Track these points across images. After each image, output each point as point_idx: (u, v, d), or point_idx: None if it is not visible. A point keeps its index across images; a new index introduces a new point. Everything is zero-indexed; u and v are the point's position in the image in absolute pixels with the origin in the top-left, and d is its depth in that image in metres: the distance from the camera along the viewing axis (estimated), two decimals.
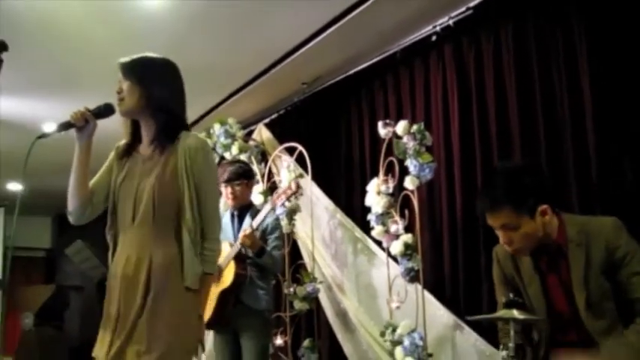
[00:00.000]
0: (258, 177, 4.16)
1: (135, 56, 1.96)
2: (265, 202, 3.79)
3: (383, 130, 3.21)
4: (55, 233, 9.11)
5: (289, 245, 3.85)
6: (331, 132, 4.34)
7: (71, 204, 1.95)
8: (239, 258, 3.00)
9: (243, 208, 3.19)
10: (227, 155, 4.31)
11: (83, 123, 1.90)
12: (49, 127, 5.14)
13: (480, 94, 3.24)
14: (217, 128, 4.32)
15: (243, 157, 4.20)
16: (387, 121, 3.24)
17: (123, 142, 2.04)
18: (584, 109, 2.73)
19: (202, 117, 4.86)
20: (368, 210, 3.30)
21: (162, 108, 1.93)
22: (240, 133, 4.34)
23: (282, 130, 4.61)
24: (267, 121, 4.76)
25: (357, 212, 3.78)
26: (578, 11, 2.79)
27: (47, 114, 4.88)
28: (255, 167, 4.18)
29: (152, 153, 1.94)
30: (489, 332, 2.81)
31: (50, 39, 3.67)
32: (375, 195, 3.24)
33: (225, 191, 3.18)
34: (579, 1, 2.79)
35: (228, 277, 2.98)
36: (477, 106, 3.24)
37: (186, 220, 1.83)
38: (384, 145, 3.28)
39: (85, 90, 4.24)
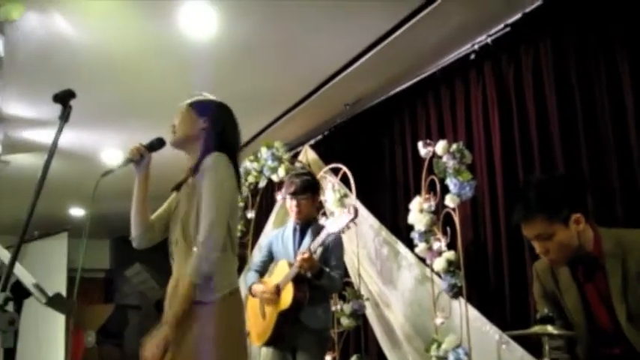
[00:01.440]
0: None
1: (195, 98, 2.15)
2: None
3: (423, 150, 3.28)
4: (113, 255, 9.48)
5: None
6: (375, 152, 4.43)
7: (134, 230, 2.14)
8: (298, 279, 2.96)
9: (306, 224, 3.15)
10: (274, 178, 4.45)
11: (139, 157, 2.09)
12: (108, 156, 5.47)
13: (520, 111, 3.27)
14: (264, 152, 4.47)
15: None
16: (427, 141, 3.31)
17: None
18: (627, 122, 2.72)
19: (250, 141, 5.04)
20: (411, 228, 3.35)
21: (215, 140, 2.05)
22: (287, 156, 4.48)
23: (326, 151, 4.73)
24: (312, 142, 4.91)
25: (401, 230, 3.83)
26: (617, 24, 2.79)
27: (105, 143, 5.20)
28: None
29: (190, 180, 2.09)
30: (536, 347, 2.81)
31: (108, 74, 3.95)
32: (418, 213, 3.30)
33: (290, 204, 3.12)
34: (618, 14, 2.80)
35: (286, 298, 2.96)
36: (518, 122, 3.27)
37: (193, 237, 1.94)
38: (426, 164, 3.34)
39: (140, 120, 4.52)
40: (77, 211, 7.63)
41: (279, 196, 4.60)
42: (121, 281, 8.49)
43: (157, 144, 2.13)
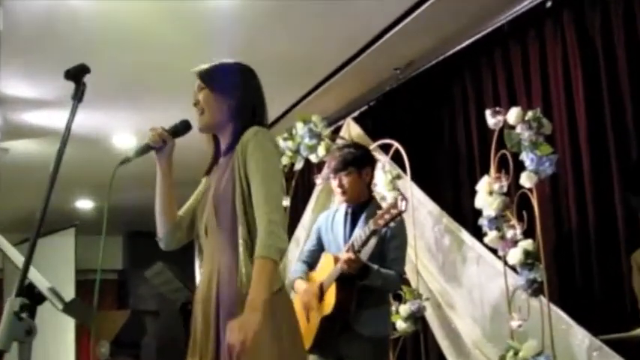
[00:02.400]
0: None
1: (212, 64, 2.14)
2: None
3: (492, 120, 3.25)
4: (126, 253, 9.70)
5: None
6: (432, 123, 4.42)
7: (160, 230, 2.17)
8: (343, 279, 2.90)
9: (360, 206, 3.05)
10: (312, 158, 4.49)
11: (161, 144, 2.11)
12: (120, 141, 5.60)
13: (610, 67, 3.21)
14: (300, 128, 4.48)
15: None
16: (497, 108, 3.27)
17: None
18: None
19: (282, 116, 5.09)
20: (479, 213, 3.36)
21: (245, 118, 2.09)
22: (327, 132, 4.49)
23: (373, 125, 4.74)
24: (356, 114, 4.91)
25: (467, 216, 3.84)
26: None
27: (117, 126, 5.33)
28: None
29: (222, 161, 2.13)
30: (636, 353, 2.79)
31: (119, 46, 4.04)
32: (487, 195, 3.28)
33: (333, 184, 3.09)
34: None
35: (329, 302, 2.93)
36: (608, 81, 3.21)
37: (239, 220, 1.95)
38: (495, 137, 3.32)
39: (156, 98, 4.61)
40: (85, 204, 7.83)
41: (318, 180, 4.64)
42: (136, 283, 8.70)
43: (182, 128, 2.14)
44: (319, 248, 3.21)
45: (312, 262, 3.19)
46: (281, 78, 4.40)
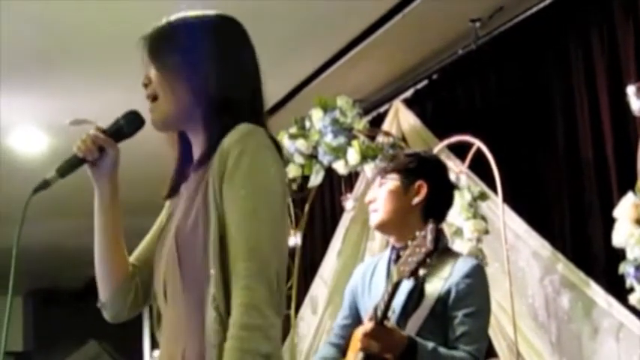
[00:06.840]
0: None
1: (164, 22, 2.12)
2: None
3: (637, 103, 3.27)
4: (29, 324, 9.69)
5: None
6: (534, 108, 4.42)
7: (103, 291, 2.18)
8: None
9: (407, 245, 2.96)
10: (339, 167, 4.48)
11: (97, 154, 2.12)
12: (23, 139, 5.60)
13: None
14: (318, 117, 4.49)
15: (369, 167, 4.34)
16: None
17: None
18: None
19: (288, 98, 5.14)
20: (618, 256, 3.36)
21: (221, 104, 2.07)
22: (362, 124, 4.50)
23: (437, 111, 4.75)
24: (408, 95, 4.94)
25: (597, 260, 3.84)
26: None
27: (16, 116, 5.36)
28: None
29: (193, 178, 2.12)
30: None
31: None
32: (633, 226, 3.29)
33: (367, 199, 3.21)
34: None
35: None
36: None
37: (210, 280, 1.92)
38: None
39: (77, 77, 4.63)
40: None
41: (348, 202, 4.65)
42: None
43: (129, 125, 2.15)
44: (355, 321, 3.19)
45: (346, 343, 3.15)
46: (285, 37, 4.45)
